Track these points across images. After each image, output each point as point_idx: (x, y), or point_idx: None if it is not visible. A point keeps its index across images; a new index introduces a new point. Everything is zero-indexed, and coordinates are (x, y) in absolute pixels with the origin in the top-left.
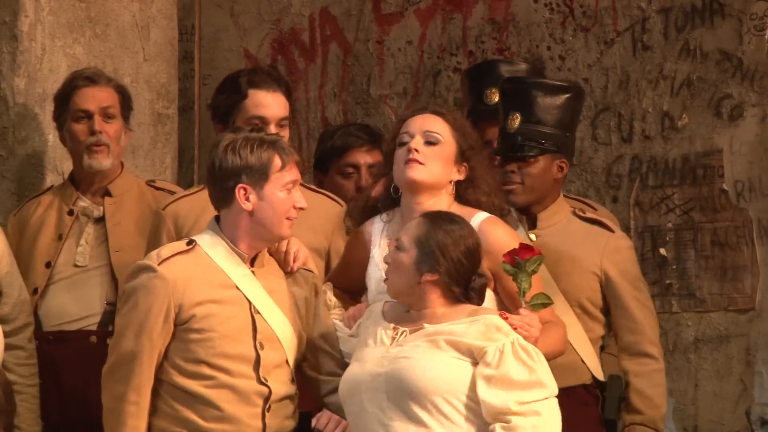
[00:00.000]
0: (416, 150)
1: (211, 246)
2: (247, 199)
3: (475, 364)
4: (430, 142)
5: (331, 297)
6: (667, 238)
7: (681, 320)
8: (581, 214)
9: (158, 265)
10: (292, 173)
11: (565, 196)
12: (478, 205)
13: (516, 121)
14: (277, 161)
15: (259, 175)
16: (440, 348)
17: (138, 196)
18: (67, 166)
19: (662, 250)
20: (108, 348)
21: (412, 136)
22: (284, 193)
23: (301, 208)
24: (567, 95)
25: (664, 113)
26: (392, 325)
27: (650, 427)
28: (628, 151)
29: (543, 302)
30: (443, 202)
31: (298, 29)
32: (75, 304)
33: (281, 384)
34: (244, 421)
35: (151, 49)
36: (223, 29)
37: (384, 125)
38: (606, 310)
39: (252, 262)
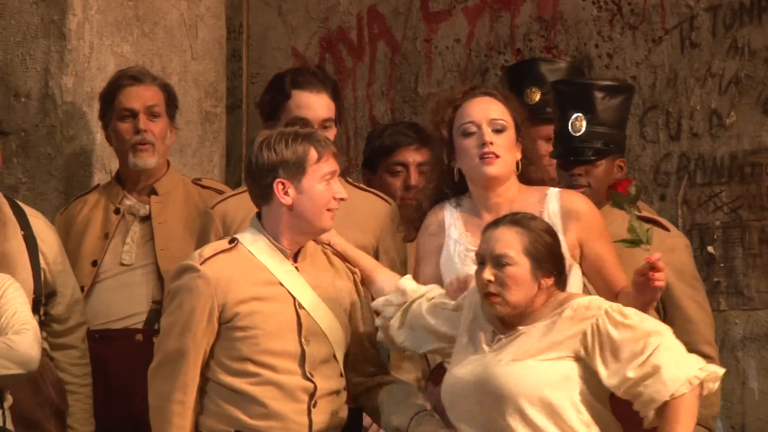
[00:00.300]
0: (491, 143)
1: (253, 243)
2: (286, 193)
3: (577, 359)
4: (497, 130)
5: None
6: (715, 236)
7: (729, 318)
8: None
9: (200, 264)
10: (330, 164)
11: None
12: (542, 183)
13: (580, 123)
14: (313, 153)
15: (296, 169)
16: (536, 353)
17: (184, 194)
18: (115, 164)
19: (710, 248)
20: (154, 347)
21: (479, 126)
22: (323, 185)
23: (342, 199)
24: (624, 95)
25: (712, 111)
26: (492, 328)
27: (703, 426)
28: (675, 149)
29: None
30: (513, 186)
31: (346, 27)
32: (121, 303)
33: (328, 379)
34: (290, 418)
35: (199, 48)
36: (271, 27)
37: None
38: (663, 310)
39: (295, 258)
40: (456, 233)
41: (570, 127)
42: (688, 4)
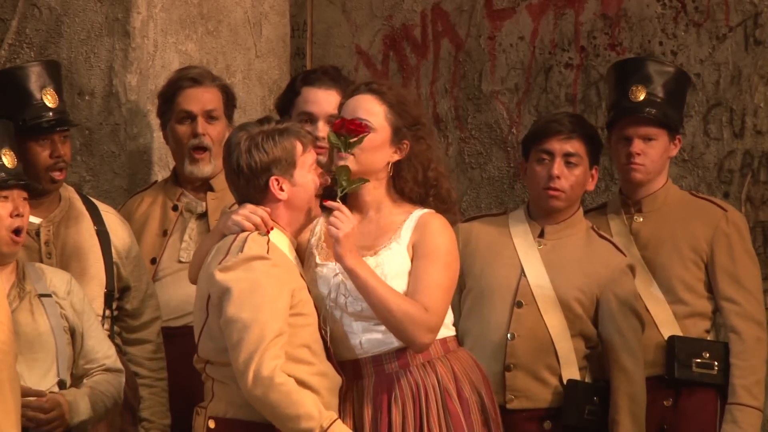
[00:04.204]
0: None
1: (276, 237)
2: (281, 189)
3: None
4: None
5: None
6: None
7: None
8: None
9: (267, 253)
10: (312, 153)
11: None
12: (402, 194)
13: None
14: (299, 146)
15: (288, 164)
16: None
17: None
18: None
19: None
20: (240, 352)
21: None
22: (311, 174)
23: (323, 184)
24: None
25: None
26: None
27: None
28: (739, 146)
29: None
30: (383, 192)
31: (410, 25)
32: (180, 300)
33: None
34: (334, 409)
35: (263, 46)
36: (335, 25)
37: (495, 122)
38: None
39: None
40: (314, 238)
41: None
42: (752, 1)
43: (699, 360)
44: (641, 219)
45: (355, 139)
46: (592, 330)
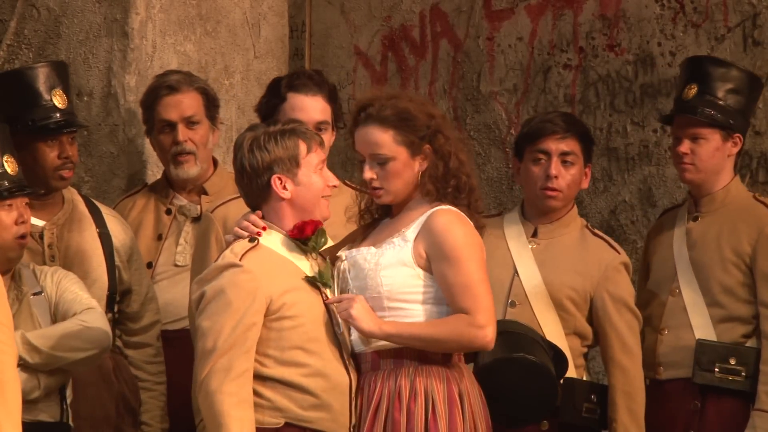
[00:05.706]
0: (371, 179)
1: (270, 240)
2: (284, 187)
3: None
4: (380, 164)
5: None
6: None
7: None
8: None
9: (240, 260)
10: (319, 154)
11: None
12: (429, 194)
13: None
14: (302, 146)
15: (291, 163)
16: None
17: (234, 192)
18: None
19: None
20: (197, 352)
21: (363, 161)
22: (316, 175)
23: (333, 186)
24: None
25: None
26: None
27: None
28: None
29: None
30: (419, 200)
31: (409, 26)
32: (177, 304)
33: (357, 372)
34: (338, 410)
35: (262, 46)
36: (334, 26)
37: (494, 122)
38: None
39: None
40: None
41: None
42: (750, 1)
43: (724, 365)
44: (699, 219)
45: (315, 240)
46: (587, 328)
